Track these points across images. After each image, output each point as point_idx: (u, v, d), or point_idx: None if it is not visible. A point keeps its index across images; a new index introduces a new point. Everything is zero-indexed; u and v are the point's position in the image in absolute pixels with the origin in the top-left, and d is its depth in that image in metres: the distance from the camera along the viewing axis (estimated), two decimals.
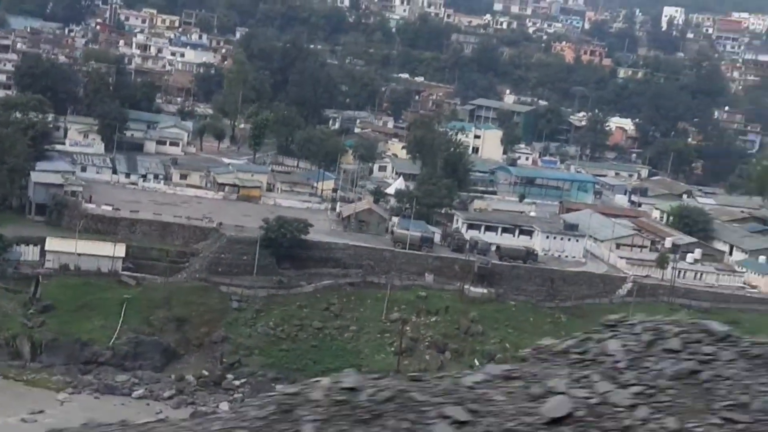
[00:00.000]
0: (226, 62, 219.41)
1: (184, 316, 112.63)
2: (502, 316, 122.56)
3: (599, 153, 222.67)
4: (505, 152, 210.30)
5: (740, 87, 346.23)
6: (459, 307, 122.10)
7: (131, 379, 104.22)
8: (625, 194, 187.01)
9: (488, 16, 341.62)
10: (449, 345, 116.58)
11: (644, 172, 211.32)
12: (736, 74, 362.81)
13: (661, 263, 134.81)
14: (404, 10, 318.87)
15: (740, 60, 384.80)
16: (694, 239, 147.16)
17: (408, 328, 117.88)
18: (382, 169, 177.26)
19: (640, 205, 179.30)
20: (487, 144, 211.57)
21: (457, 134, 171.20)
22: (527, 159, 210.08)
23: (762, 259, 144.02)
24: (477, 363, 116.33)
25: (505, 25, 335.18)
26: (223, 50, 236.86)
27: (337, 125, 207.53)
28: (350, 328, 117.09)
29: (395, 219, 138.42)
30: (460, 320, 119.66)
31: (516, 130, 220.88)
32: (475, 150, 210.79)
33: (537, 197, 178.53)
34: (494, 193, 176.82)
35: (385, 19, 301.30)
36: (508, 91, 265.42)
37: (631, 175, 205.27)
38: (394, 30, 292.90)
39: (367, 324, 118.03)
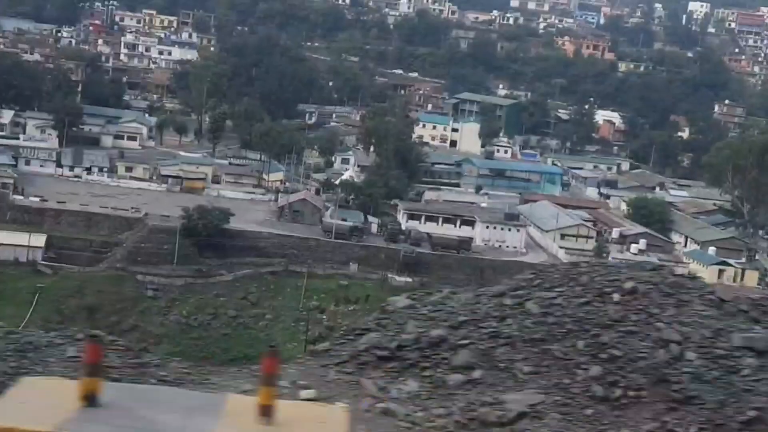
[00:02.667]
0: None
1: (96, 305, 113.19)
2: None
3: (581, 146, 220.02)
4: (483, 145, 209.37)
5: (760, 81, 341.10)
6: (380, 296, 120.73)
7: None
8: (597, 187, 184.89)
9: (495, 12, 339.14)
10: None
11: (625, 165, 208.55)
12: (756, 68, 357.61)
13: (599, 253, 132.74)
14: (408, 8, 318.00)
15: (762, 54, 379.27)
16: (642, 230, 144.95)
17: (325, 317, 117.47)
18: (345, 161, 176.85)
19: (608, 197, 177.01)
20: (464, 137, 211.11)
21: (412, 126, 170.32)
22: (506, 152, 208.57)
23: (712, 250, 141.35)
24: None
25: (511, 21, 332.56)
26: (211, 48, 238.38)
27: (313, 119, 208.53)
28: (266, 316, 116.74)
29: (331, 209, 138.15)
30: (379, 309, 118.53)
31: (497, 123, 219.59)
32: (453, 143, 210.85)
33: (504, 189, 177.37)
34: (458, 185, 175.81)
35: (383, 15, 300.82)
36: (501, 86, 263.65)
37: (609, 168, 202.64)
38: (392, 26, 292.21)
39: (283, 313, 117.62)
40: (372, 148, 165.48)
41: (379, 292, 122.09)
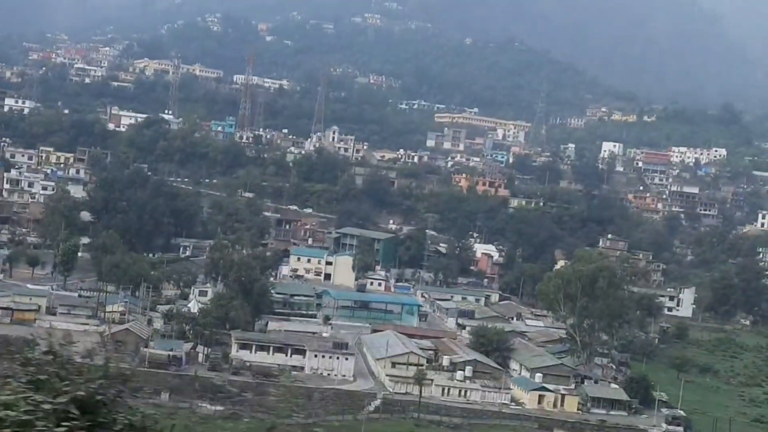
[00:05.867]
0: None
1: None
2: None
3: (456, 279, 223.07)
4: (358, 278, 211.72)
5: (664, 216, 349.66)
6: (187, 426, 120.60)
7: None
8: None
9: (401, 151, 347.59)
10: None
11: (495, 297, 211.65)
12: (660, 205, 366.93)
13: (418, 380, 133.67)
14: (312, 146, 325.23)
15: (666, 191, 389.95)
16: (472, 358, 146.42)
17: None
18: (203, 293, 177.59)
19: (464, 327, 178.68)
20: (338, 270, 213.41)
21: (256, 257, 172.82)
22: (379, 285, 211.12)
23: (538, 376, 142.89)
24: None
25: (416, 159, 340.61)
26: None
27: (187, 253, 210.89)
28: None
29: (157, 339, 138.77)
30: None
31: (373, 256, 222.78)
32: (328, 276, 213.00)
33: (363, 320, 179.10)
34: (314, 316, 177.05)
35: (283, 153, 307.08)
36: (391, 221, 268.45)
37: (478, 300, 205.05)
38: (291, 164, 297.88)
39: None
40: (217, 279, 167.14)
41: (185, 421, 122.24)
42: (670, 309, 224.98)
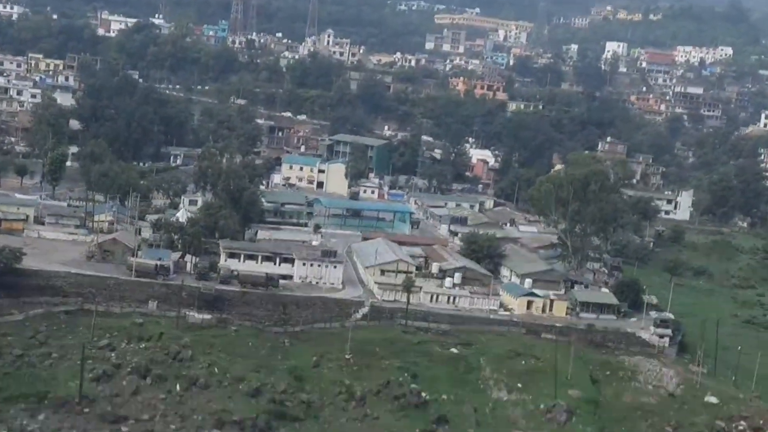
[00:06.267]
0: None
1: None
2: (218, 342, 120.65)
3: (451, 185, 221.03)
4: (350, 186, 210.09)
5: (667, 118, 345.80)
6: (174, 334, 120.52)
7: None
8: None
9: (398, 55, 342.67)
10: (153, 371, 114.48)
11: (490, 203, 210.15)
12: (663, 107, 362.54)
13: (407, 287, 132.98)
14: (306, 50, 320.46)
15: (670, 92, 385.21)
16: (461, 264, 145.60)
17: (114, 355, 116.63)
18: (193, 203, 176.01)
19: (457, 234, 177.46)
20: (331, 178, 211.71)
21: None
22: (372, 192, 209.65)
23: (528, 282, 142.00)
24: (178, 388, 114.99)
25: (413, 63, 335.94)
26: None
27: (178, 162, 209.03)
28: (52, 355, 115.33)
29: (144, 248, 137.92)
30: (171, 346, 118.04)
31: (367, 163, 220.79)
32: (320, 184, 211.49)
33: (354, 228, 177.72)
34: (305, 224, 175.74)
35: (276, 58, 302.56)
36: (387, 127, 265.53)
37: (472, 206, 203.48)
38: (284, 69, 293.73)
39: (71, 351, 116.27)
40: (205, 188, 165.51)
41: (174, 329, 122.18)
42: (667, 212, 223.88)
